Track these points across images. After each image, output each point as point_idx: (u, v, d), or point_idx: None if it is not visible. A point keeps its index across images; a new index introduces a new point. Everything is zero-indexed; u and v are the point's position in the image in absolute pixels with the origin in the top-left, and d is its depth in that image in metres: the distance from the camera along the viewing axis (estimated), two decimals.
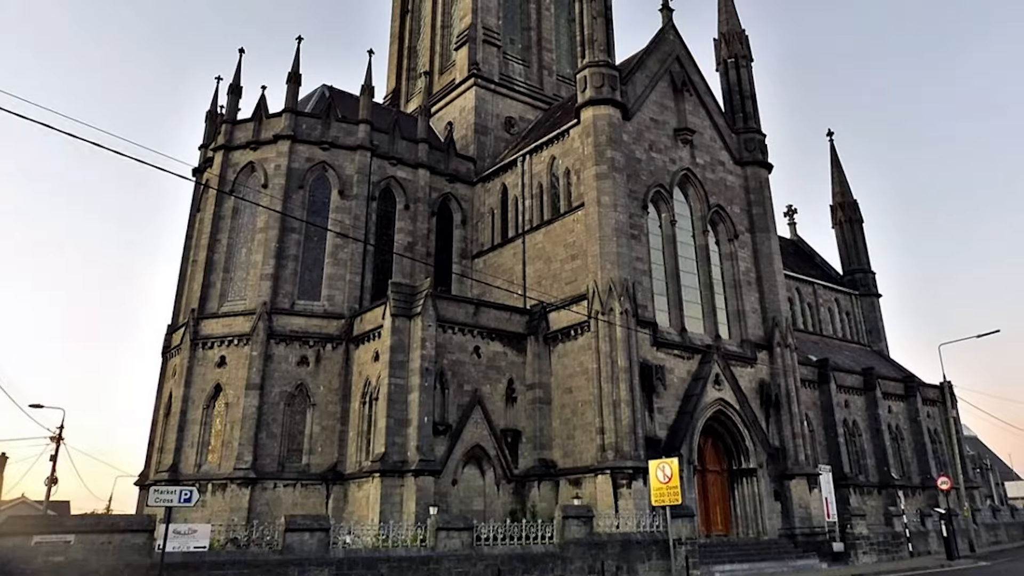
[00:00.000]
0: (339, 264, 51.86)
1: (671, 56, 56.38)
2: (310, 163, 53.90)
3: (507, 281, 52.57)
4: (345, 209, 53.26)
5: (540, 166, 53.95)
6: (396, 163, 56.67)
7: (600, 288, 45.13)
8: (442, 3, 74.21)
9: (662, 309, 48.78)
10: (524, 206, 54.16)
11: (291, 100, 55.38)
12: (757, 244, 54.70)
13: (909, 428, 68.73)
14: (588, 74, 50.66)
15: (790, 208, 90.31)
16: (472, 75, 64.55)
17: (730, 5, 62.93)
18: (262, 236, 51.52)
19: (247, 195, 52.65)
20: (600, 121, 49.16)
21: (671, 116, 54.37)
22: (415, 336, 43.99)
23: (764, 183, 56.90)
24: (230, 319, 49.65)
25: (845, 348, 74.62)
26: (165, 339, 54.46)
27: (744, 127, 58.22)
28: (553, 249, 50.54)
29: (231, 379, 47.89)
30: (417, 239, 55.53)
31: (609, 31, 52.68)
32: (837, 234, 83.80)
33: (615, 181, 47.70)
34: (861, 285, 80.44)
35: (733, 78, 60.21)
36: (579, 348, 46.06)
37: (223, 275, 51.69)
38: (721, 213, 54.03)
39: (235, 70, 58.83)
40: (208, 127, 60.94)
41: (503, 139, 63.29)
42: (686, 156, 53.84)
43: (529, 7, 72.39)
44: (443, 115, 66.69)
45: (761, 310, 53.06)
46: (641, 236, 48.92)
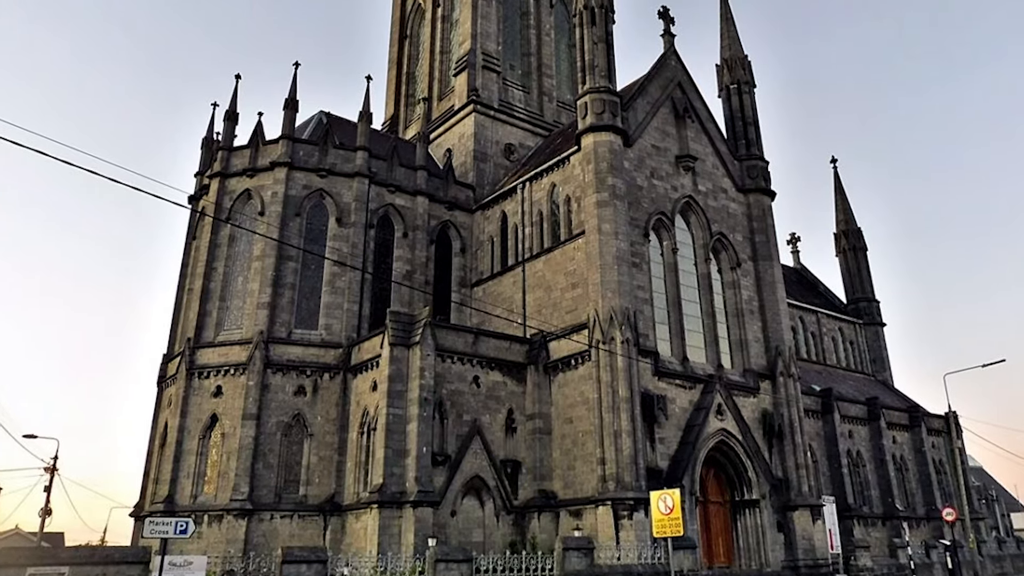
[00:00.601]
0: (337, 293, 52.28)
1: (673, 82, 56.96)
2: (307, 190, 54.35)
3: (507, 310, 52.98)
4: (343, 237, 53.75)
5: (540, 193, 54.46)
6: (394, 190, 57.15)
7: (601, 317, 45.51)
8: (441, 29, 75.03)
9: (664, 338, 49.20)
10: (524, 234, 54.65)
11: (288, 126, 55.89)
12: (760, 272, 55.18)
13: (914, 458, 69.01)
14: (589, 100, 51.20)
15: (793, 236, 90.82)
16: (471, 101, 65.16)
17: (732, 31, 63.54)
18: (259, 264, 51.92)
19: (243, 223, 53.11)
20: (601, 148, 49.64)
21: (673, 143, 54.91)
22: (414, 365, 44.33)
23: (767, 211, 57.47)
24: (226, 348, 50.03)
25: (849, 378, 74.99)
26: (161, 368, 54.77)
27: (747, 154, 58.78)
28: (553, 277, 50.99)
29: (227, 409, 48.25)
30: (416, 267, 56.00)
31: (610, 57, 53.23)
32: (841, 262, 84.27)
33: (616, 209, 48.15)
34: (865, 314, 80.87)
35: (736, 104, 60.74)
36: (580, 378, 46.42)
37: (219, 304, 52.14)
38: (723, 241, 54.55)
39: (231, 96, 59.50)
40: (204, 154, 61.53)
41: (503, 166, 63.86)
42: (688, 183, 54.34)
43: (529, 33, 73.24)
44: (442, 142, 67.30)
45: (764, 339, 53.54)
46: (642, 264, 49.35)
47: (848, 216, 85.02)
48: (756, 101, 61.50)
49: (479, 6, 69.88)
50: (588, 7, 54.09)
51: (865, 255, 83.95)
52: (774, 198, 58.59)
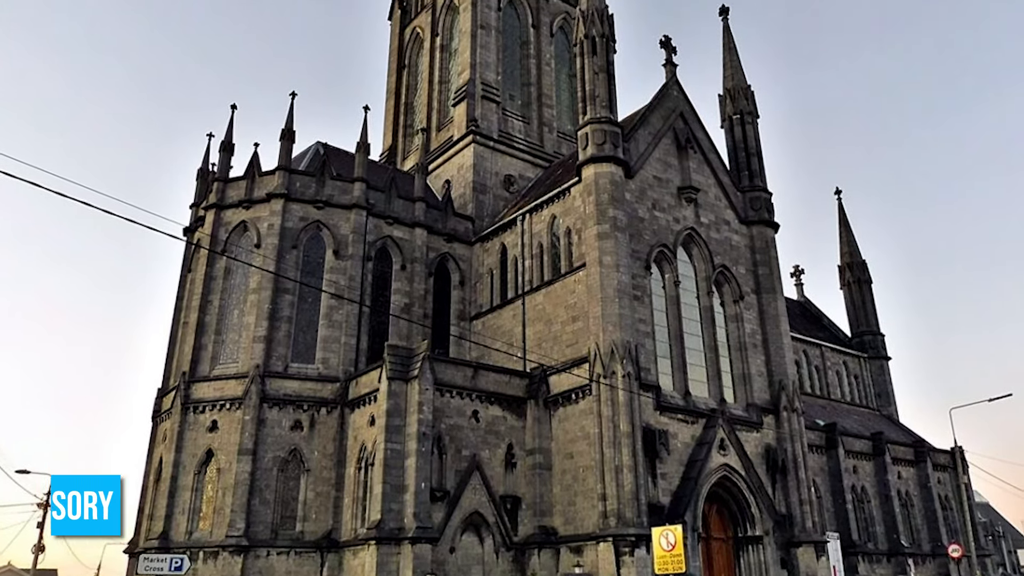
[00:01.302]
0: (334, 326, 52.92)
1: (675, 112, 57.75)
2: (304, 222, 55.00)
3: (506, 343, 53.59)
4: (340, 270, 54.39)
5: (540, 225, 55.16)
6: (392, 222, 57.82)
7: (602, 351, 46.14)
8: (440, 58, 75.87)
9: (665, 372, 49.86)
10: (524, 266, 55.32)
11: (285, 157, 56.59)
12: (763, 305, 55.89)
13: (919, 494, 69.40)
14: (589, 131, 51.96)
15: (797, 268, 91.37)
16: (470, 132, 65.95)
17: (735, 60, 64.34)
18: (255, 297, 52.53)
19: (239, 255, 53.95)
20: (602, 179, 50.37)
21: (675, 174, 55.63)
22: (412, 400, 44.90)
23: (770, 243, 58.18)
24: (222, 382, 50.66)
25: (854, 412, 75.51)
26: (155, 403, 55.42)
27: (750, 185, 59.49)
28: (554, 311, 51.63)
29: (223, 444, 48.80)
30: (414, 300, 56.59)
31: (611, 87, 54.01)
32: (845, 295, 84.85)
33: (617, 241, 48.85)
34: (870, 347, 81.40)
35: (738, 135, 61.46)
36: (580, 412, 47.02)
37: (215, 337, 52.74)
38: (726, 274, 55.25)
39: (227, 127, 60.30)
40: (199, 185, 62.44)
41: (502, 198, 64.57)
42: (690, 215, 55.05)
43: (529, 62, 74.17)
44: (441, 173, 68.07)
45: (767, 373, 54.14)
46: (644, 297, 50.01)
47: (852, 248, 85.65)
48: (759, 131, 62.26)
49: (478, 35, 70.79)
50: (589, 36, 54.85)
51: (870, 288, 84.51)
52: (777, 230, 59.28)
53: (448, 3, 76.36)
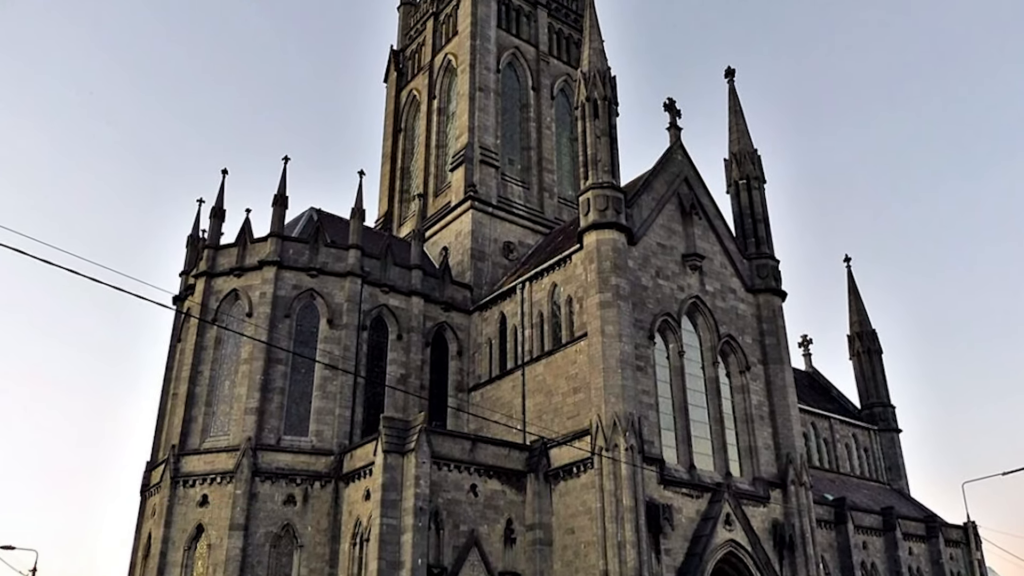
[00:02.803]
0: (328, 397, 54.02)
1: (679, 177, 59.28)
2: (297, 290, 56.20)
3: (506, 415, 54.66)
4: (334, 339, 55.56)
5: (541, 294, 56.48)
6: (388, 291, 58.98)
7: (604, 423, 47.25)
8: (437, 121, 77.66)
9: (669, 445, 50.94)
10: (524, 336, 56.52)
11: (277, 224, 57.79)
12: (770, 376, 57.08)
13: (931, 571, 69.85)
14: (591, 196, 53.32)
15: (805, 338, 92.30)
16: (468, 197, 67.23)
17: (741, 123, 65.86)
18: (246, 368, 53.66)
19: (230, 324, 55.07)
20: (604, 246, 51.69)
21: (679, 241, 57.03)
22: (408, 474, 45.82)
23: (778, 312, 59.50)
24: (212, 456, 51.76)
25: (863, 486, 76.29)
26: (144, 476, 56.43)
27: (756, 252, 60.89)
28: (554, 382, 52.81)
29: (214, 519, 49.79)
30: (410, 371, 57.67)
31: (613, 151, 55.44)
32: (855, 365, 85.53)
33: (620, 310, 50.10)
34: (880, 419, 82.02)
35: (745, 200, 62.90)
36: (582, 486, 48.00)
37: (205, 409, 53.88)
38: (732, 344, 56.52)
39: (218, 192, 61.36)
40: (189, 252, 63.88)
41: (501, 265, 65.91)
42: (695, 283, 56.37)
43: (529, 126, 75.90)
44: (438, 239, 69.39)
45: (774, 446, 55.31)
46: (647, 368, 51.22)
47: (862, 317, 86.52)
48: (766, 197, 63.65)
49: (477, 98, 72.47)
50: (591, 99, 56.45)
51: (880, 358, 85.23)
52: (785, 299, 60.62)
53: (446, 65, 78.35)
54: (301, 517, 50.23)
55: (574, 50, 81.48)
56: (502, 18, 77.90)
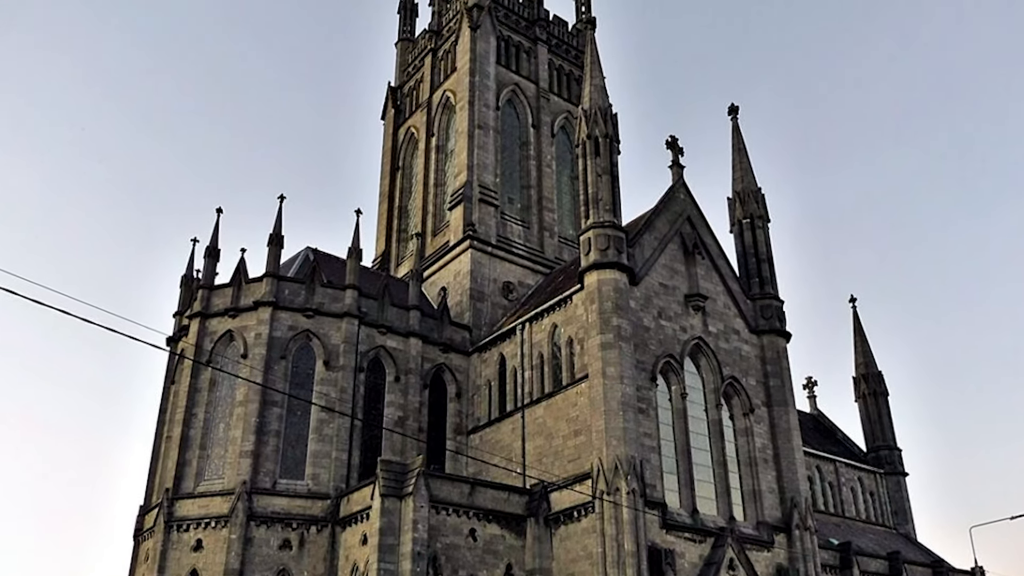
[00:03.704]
0: (324, 440, 54.64)
1: (681, 216, 60.15)
2: (293, 331, 56.91)
3: (505, 458, 55.41)
4: (331, 381, 56.21)
5: (541, 335, 57.26)
6: (386, 332, 59.67)
7: (605, 466, 47.85)
8: (435, 160, 78.72)
9: (672, 488, 51.49)
10: (523, 378, 57.22)
11: (273, 264, 58.57)
12: (774, 419, 57.69)
13: None
14: (592, 236, 54.11)
15: (810, 380, 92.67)
16: (467, 237, 68.05)
17: (745, 161, 66.76)
18: (241, 410, 54.29)
19: (225, 366, 55.70)
20: (605, 286, 52.41)
21: (682, 281, 57.81)
22: (406, 518, 46.30)
23: (782, 353, 60.15)
24: (207, 499, 52.34)
25: (869, 530, 76.65)
26: (137, 521, 56.99)
27: (760, 293, 61.61)
28: (555, 424, 53.47)
29: (208, 564, 50.26)
30: (408, 413, 58.33)
31: (615, 189, 56.28)
32: (860, 408, 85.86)
33: (621, 351, 50.78)
34: (886, 463, 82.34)
35: (748, 240, 63.66)
36: (583, 531, 48.48)
37: (199, 452, 54.50)
38: (736, 385, 57.19)
39: (212, 231, 62.25)
40: (183, 293, 64.54)
41: (501, 306, 66.72)
42: (698, 324, 57.11)
43: (529, 164, 76.98)
44: (436, 280, 70.21)
45: (779, 489, 55.76)
46: (649, 410, 51.90)
47: (868, 359, 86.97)
48: (770, 236, 64.47)
49: (476, 136, 73.44)
50: (592, 137, 57.39)
51: (886, 400, 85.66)
52: (789, 340, 61.27)
53: (444, 102, 79.52)
54: (297, 562, 50.70)
55: (575, 87, 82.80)
56: (501, 54, 79.17)
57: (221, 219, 62.86)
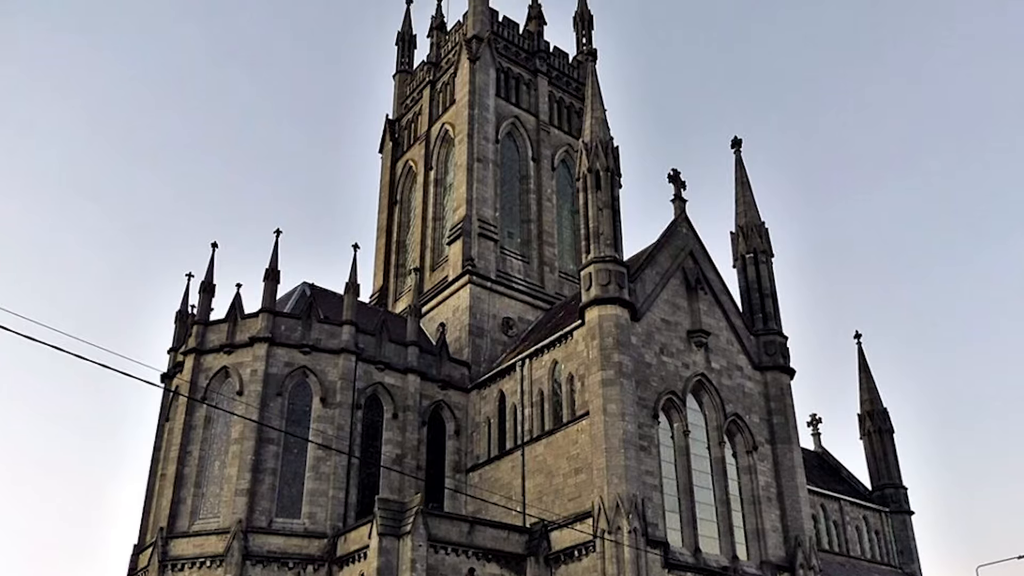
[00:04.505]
0: (321, 478, 55.04)
1: (684, 251, 60.87)
2: (289, 368, 57.40)
3: (505, 497, 55.86)
4: (328, 418, 56.70)
5: (541, 371, 57.80)
6: (383, 368, 60.21)
7: (606, 505, 48.29)
8: (434, 193, 79.51)
9: (674, 527, 51.88)
10: (523, 415, 57.72)
11: (268, 299, 59.08)
12: (778, 457, 58.13)
13: None
14: (593, 271, 54.73)
15: (814, 417, 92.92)
16: (466, 272, 68.69)
17: (748, 195, 67.53)
18: (237, 448, 54.70)
19: (220, 403, 56.16)
20: (606, 322, 53.02)
21: (684, 316, 58.44)
22: (404, 557, 46.75)
23: (786, 390, 60.65)
24: (202, 538, 52.66)
25: (874, 570, 76.79)
26: (131, 560, 57.11)
27: (764, 328, 62.18)
28: (555, 462, 53.93)
29: None
30: (406, 451, 58.75)
31: (616, 223, 56.97)
32: (865, 445, 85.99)
33: (623, 388, 51.32)
34: (892, 501, 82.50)
35: (752, 275, 64.25)
36: (584, 570, 48.84)
37: (194, 490, 54.87)
38: (739, 423, 57.65)
39: (207, 266, 62.87)
40: (178, 328, 65.03)
41: (500, 342, 67.31)
42: (700, 360, 57.65)
43: (529, 198, 77.77)
44: (435, 315, 70.81)
45: (783, 528, 56.11)
46: (651, 448, 52.37)
47: (873, 395, 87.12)
48: (774, 271, 65.09)
49: (475, 169, 74.25)
50: (592, 170, 58.11)
51: (891, 438, 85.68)
52: (793, 376, 61.76)
53: (443, 135, 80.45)
54: None
55: (575, 119, 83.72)
56: (501, 86, 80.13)
57: (216, 254, 63.62)
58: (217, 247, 63.82)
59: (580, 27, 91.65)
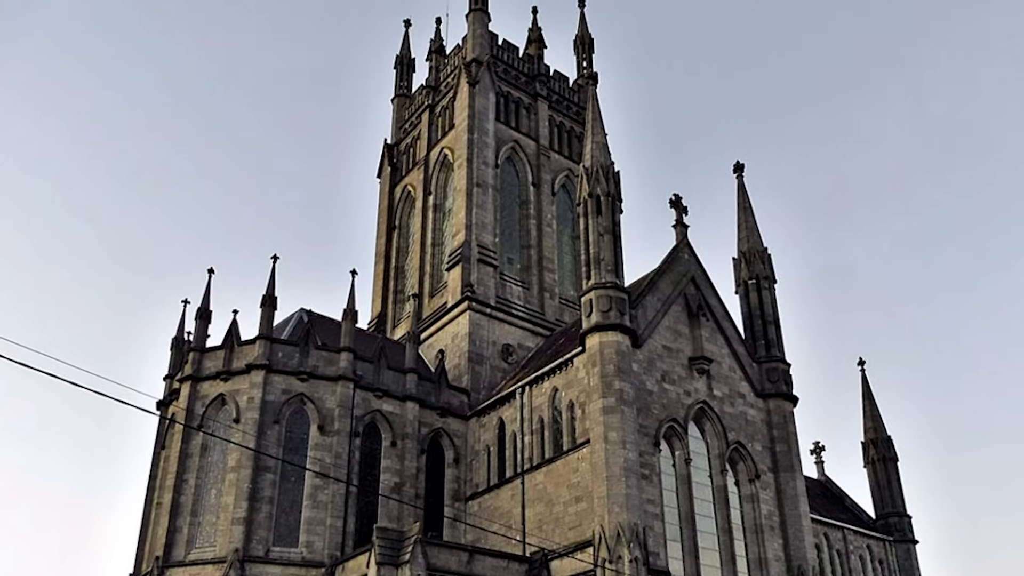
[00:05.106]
0: (319, 507, 55.30)
1: (685, 277, 61.35)
2: (287, 395, 57.73)
3: (504, 526, 56.13)
4: (325, 446, 56.95)
5: (541, 399, 58.15)
6: (382, 395, 60.46)
7: (607, 534, 48.49)
8: (433, 219, 79.97)
9: (676, 556, 52.09)
10: (523, 443, 58.02)
11: (266, 326, 59.42)
12: (781, 485, 58.45)
13: None
14: (594, 297, 55.04)
15: (817, 445, 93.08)
16: (465, 298, 69.03)
17: (751, 220, 68.09)
18: (233, 476, 54.97)
19: (217, 431, 56.34)
20: (607, 349, 53.32)
21: (686, 343, 58.84)
22: None
23: (788, 417, 61.03)
24: (198, 568, 52.91)
25: None
26: None
27: (766, 355, 62.63)
28: (555, 490, 54.22)
29: None
30: (405, 479, 58.99)
31: (617, 249, 57.27)
32: (869, 473, 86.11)
33: (624, 415, 51.60)
34: (896, 530, 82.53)
35: (754, 301, 64.71)
36: None
37: (191, 519, 55.06)
38: (741, 451, 58.02)
39: (204, 293, 63.26)
40: (174, 355, 65.55)
41: (500, 369, 67.68)
42: (702, 388, 58.04)
43: (529, 223, 78.22)
44: (433, 342, 71.22)
45: (785, 558, 56.40)
46: (653, 476, 52.71)
47: (877, 423, 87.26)
48: (776, 297, 65.50)
49: (474, 194, 74.66)
50: (593, 195, 58.52)
51: (896, 466, 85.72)
52: (796, 404, 62.15)
53: (441, 159, 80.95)
54: None
55: (576, 144, 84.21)
56: (501, 111, 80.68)
57: (212, 280, 63.94)
58: (213, 273, 64.26)
59: (580, 50, 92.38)
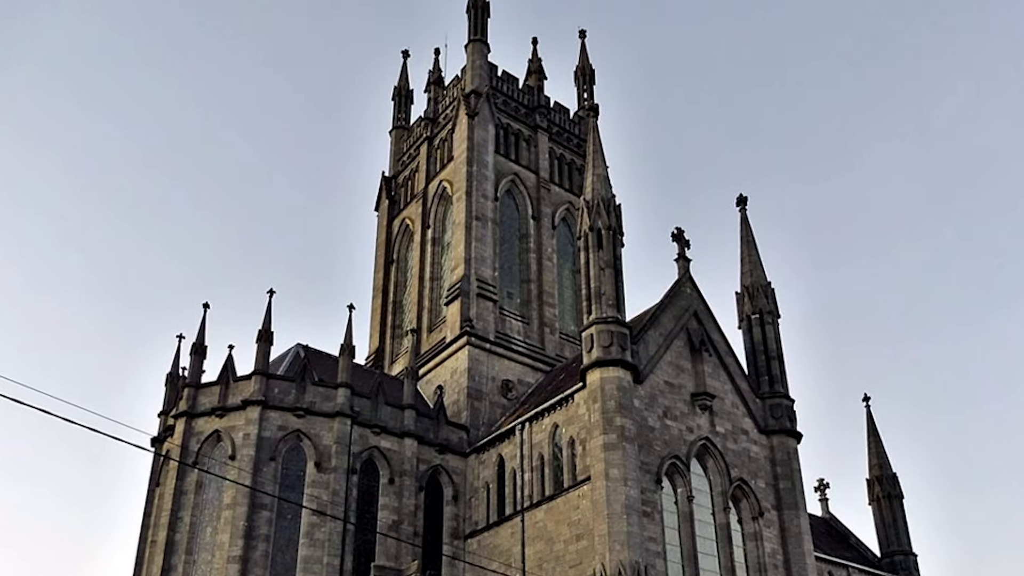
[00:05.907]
0: (316, 545, 55.52)
1: (688, 311, 61.85)
2: (283, 432, 58.08)
3: (504, 564, 56.35)
4: (322, 483, 57.27)
5: (541, 435, 58.51)
6: (379, 432, 60.79)
7: (609, 572, 48.77)
8: (431, 252, 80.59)
9: None
10: (523, 480, 58.34)
11: (262, 361, 59.92)
12: (785, 523, 58.73)
13: None
14: (595, 332, 55.53)
15: (821, 482, 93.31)
16: (464, 333, 69.49)
17: (754, 254, 68.56)
18: (229, 513, 55.25)
19: (212, 467, 56.81)
20: (608, 385, 53.74)
21: (688, 379, 59.32)
22: None
23: (792, 454, 61.41)
24: None
25: None
26: None
27: (770, 391, 62.98)
28: (556, 528, 54.57)
29: None
30: (403, 517, 59.20)
31: (618, 283, 57.80)
32: (874, 511, 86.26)
33: (625, 452, 51.99)
34: (901, 568, 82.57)
35: (757, 336, 65.12)
36: None
37: (185, 557, 55.34)
38: (744, 488, 58.35)
39: (199, 328, 63.74)
40: (169, 391, 66.01)
41: (499, 405, 68.10)
42: (705, 424, 58.48)
43: (529, 257, 78.79)
44: (432, 378, 71.59)
45: None
46: (654, 514, 53.02)
47: (882, 460, 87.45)
48: (780, 332, 65.89)
49: (473, 227, 75.27)
50: (594, 229, 59.11)
51: (901, 503, 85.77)
52: (800, 440, 62.55)
53: (440, 192, 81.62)
54: None
55: (577, 177, 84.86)
56: (500, 143, 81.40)
57: (208, 314, 64.33)
58: (209, 308, 64.66)
59: (581, 82, 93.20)
